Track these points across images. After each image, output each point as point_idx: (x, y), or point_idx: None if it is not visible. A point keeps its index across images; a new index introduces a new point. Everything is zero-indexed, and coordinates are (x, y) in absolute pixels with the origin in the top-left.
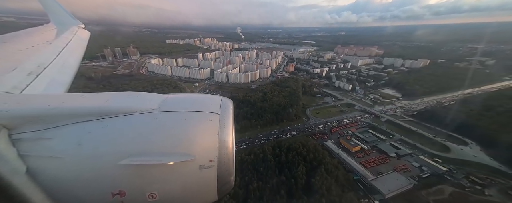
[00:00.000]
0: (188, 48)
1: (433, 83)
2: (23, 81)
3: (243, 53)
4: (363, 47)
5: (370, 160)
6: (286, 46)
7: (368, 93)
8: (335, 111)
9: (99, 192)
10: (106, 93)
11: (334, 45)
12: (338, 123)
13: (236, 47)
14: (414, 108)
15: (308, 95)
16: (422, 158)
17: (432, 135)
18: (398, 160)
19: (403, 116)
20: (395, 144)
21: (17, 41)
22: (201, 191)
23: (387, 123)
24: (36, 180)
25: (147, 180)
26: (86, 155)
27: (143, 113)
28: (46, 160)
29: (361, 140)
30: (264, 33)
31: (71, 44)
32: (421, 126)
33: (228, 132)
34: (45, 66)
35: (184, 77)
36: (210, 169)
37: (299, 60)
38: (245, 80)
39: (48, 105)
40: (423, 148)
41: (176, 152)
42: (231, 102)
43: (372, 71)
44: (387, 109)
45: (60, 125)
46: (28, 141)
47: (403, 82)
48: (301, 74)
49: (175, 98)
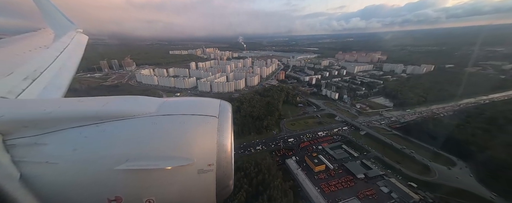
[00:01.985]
0: (188, 58)
1: (432, 92)
2: (19, 86)
3: (239, 62)
4: (365, 53)
5: (332, 183)
6: (287, 54)
7: (356, 102)
8: (312, 122)
9: (95, 198)
10: (103, 98)
11: (337, 52)
12: (311, 137)
13: (235, 56)
14: (403, 119)
15: (290, 105)
16: (393, 181)
17: (415, 153)
18: (366, 183)
19: (387, 129)
20: (368, 163)
21: (13, 45)
22: (200, 195)
23: (366, 136)
24: (30, 186)
25: (144, 185)
26: (82, 161)
27: (140, 117)
28: (41, 166)
29: (329, 157)
30: (269, 42)
31: (69, 49)
32: (405, 141)
33: (227, 135)
34: (42, 70)
35: (169, 87)
36: (209, 173)
37: (294, 68)
38: (230, 89)
39: (43, 109)
40: (400, 169)
41: (174, 156)
42: (230, 105)
43: (367, 78)
44: (372, 120)
45: (55, 130)
46: (22, 147)
47: (398, 90)
48: (292, 82)
49: (173, 102)
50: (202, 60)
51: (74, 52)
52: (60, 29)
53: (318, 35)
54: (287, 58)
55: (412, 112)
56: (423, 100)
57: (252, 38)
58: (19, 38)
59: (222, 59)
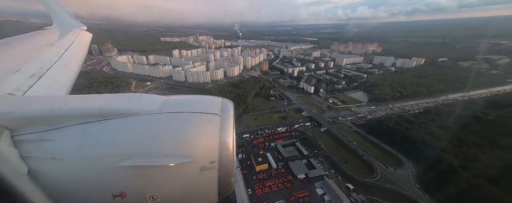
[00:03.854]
0: (179, 46)
1: (411, 87)
2: (25, 83)
3: (226, 51)
4: (361, 45)
5: (268, 184)
6: (283, 44)
7: (330, 97)
8: (277, 117)
9: (100, 194)
10: (108, 95)
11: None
12: (269, 132)
13: (228, 45)
14: (370, 115)
15: (262, 97)
16: (330, 183)
17: (367, 151)
18: (305, 184)
19: (349, 126)
20: (314, 162)
21: (20, 43)
22: (202, 192)
23: (325, 133)
24: (37, 181)
25: (147, 182)
26: (87, 157)
27: (143, 114)
28: (47, 161)
29: (278, 155)
30: (271, 31)
31: (73, 46)
32: (362, 139)
33: (229, 133)
34: (48, 68)
35: (143, 75)
36: (211, 171)
37: (283, 59)
38: (206, 80)
39: (50, 106)
40: (344, 169)
41: (177, 154)
42: (232, 103)
43: (353, 71)
44: (339, 115)
45: (61, 126)
46: (30, 142)
47: (378, 84)
48: (275, 73)
49: (177, 100)
50: (191, 48)
51: (78, 50)
52: (64, 27)
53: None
54: (280, 48)
55: (382, 108)
56: (398, 96)
57: (253, 27)
58: (26, 36)
59: (210, 48)
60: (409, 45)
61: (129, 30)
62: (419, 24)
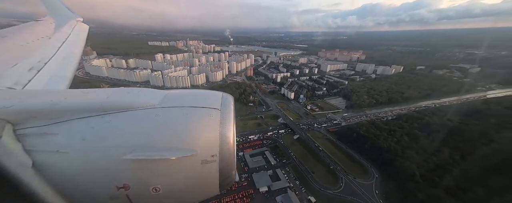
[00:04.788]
0: (166, 50)
1: (386, 94)
2: (24, 77)
3: (211, 56)
4: (347, 52)
5: (224, 201)
6: (274, 50)
7: (309, 103)
8: (253, 123)
9: (104, 186)
10: (108, 89)
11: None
12: (241, 141)
13: (217, 50)
14: (345, 122)
15: (241, 103)
16: (291, 196)
17: (336, 160)
18: (266, 198)
19: (323, 133)
20: (280, 173)
21: (16, 36)
22: (203, 185)
23: (298, 141)
24: (42, 174)
25: (150, 174)
26: (91, 150)
27: (145, 108)
28: (51, 154)
29: (243, 166)
30: (263, 37)
31: (71, 39)
32: (334, 147)
33: (229, 127)
34: (46, 61)
35: (118, 80)
36: (212, 164)
37: (270, 65)
38: (185, 84)
39: (51, 100)
40: (309, 179)
41: (179, 147)
42: (232, 97)
43: (335, 77)
44: (316, 122)
45: (64, 120)
46: (33, 136)
47: (356, 91)
48: (259, 79)
49: (176, 94)
50: (179, 52)
51: (76, 42)
52: (60, 19)
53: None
54: (270, 54)
55: (356, 115)
56: (374, 103)
57: (247, 32)
58: (21, 27)
59: (198, 52)
60: (392, 53)
61: (118, 33)
62: (403, 33)
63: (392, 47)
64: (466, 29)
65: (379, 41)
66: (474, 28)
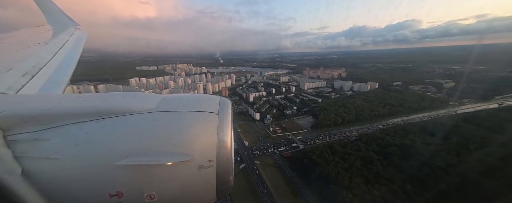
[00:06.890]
0: (154, 74)
1: (356, 112)
2: (18, 82)
3: (190, 77)
4: (330, 70)
5: None
6: (262, 70)
7: (273, 123)
8: None
9: (96, 193)
10: (103, 94)
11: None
12: None
13: (203, 72)
14: (305, 144)
15: None
16: None
17: (276, 191)
18: None
19: (275, 159)
20: None
21: (12, 41)
22: (200, 191)
23: (243, 171)
24: (32, 181)
25: (145, 181)
26: (83, 156)
27: (140, 113)
28: (42, 161)
29: None
30: (254, 59)
31: (68, 45)
32: (280, 177)
33: (227, 132)
34: (41, 66)
35: None
36: (209, 169)
37: (250, 84)
38: None
39: (44, 105)
40: None
41: (175, 152)
42: (230, 102)
43: (311, 95)
44: (275, 145)
45: (56, 125)
46: (23, 142)
47: (325, 109)
48: (233, 99)
49: (173, 98)
50: (163, 75)
51: (74, 48)
52: (59, 26)
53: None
54: (255, 73)
55: (318, 136)
56: (340, 122)
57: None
58: (18, 34)
59: (180, 75)
60: (375, 70)
61: (111, 61)
62: (388, 52)
63: (376, 65)
64: (446, 46)
65: (366, 60)
66: (454, 46)
